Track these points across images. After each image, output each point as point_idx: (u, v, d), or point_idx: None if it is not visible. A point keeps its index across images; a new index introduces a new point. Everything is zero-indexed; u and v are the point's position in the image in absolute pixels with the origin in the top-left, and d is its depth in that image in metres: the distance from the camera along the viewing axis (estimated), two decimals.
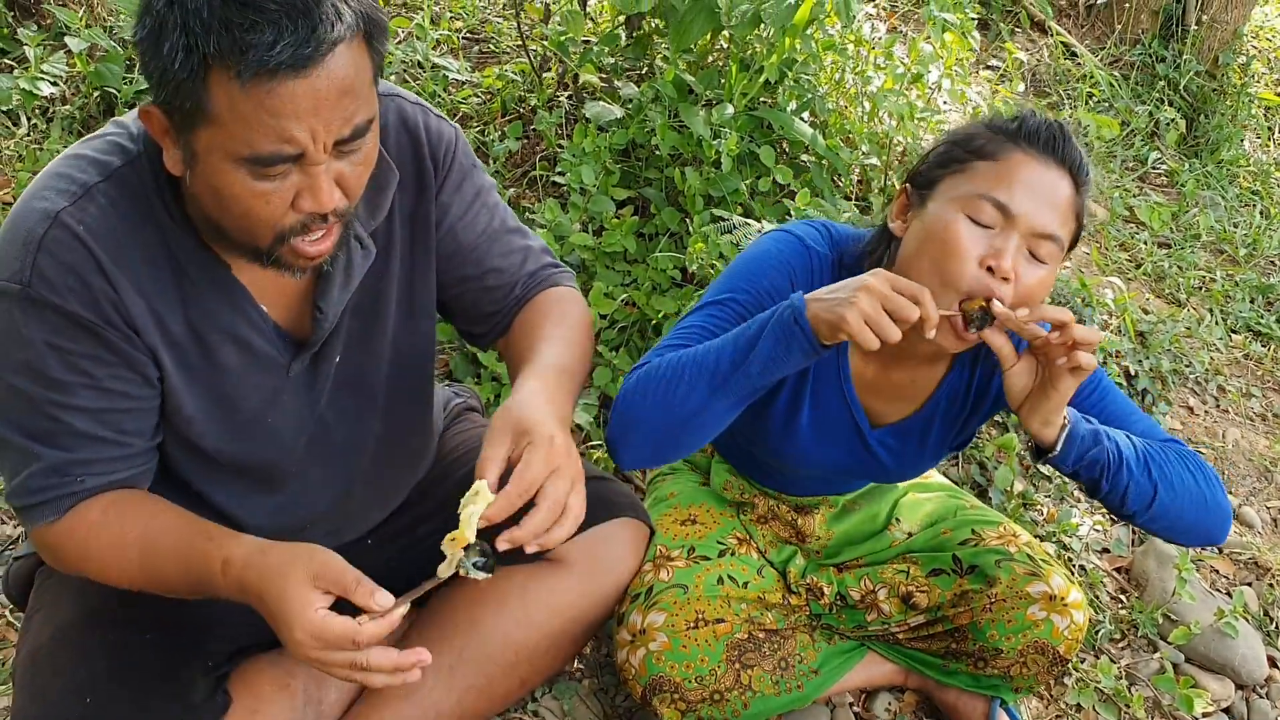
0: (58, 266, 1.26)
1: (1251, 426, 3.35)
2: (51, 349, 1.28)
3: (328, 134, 1.20)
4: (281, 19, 1.12)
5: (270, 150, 1.18)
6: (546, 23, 3.37)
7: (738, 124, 2.92)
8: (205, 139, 1.19)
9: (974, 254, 1.49)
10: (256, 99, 1.14)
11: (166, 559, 1.34)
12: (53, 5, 3.11)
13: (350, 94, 1.20)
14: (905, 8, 4.76)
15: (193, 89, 1.15)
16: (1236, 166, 4.94)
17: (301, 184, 1.23)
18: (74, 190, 1.29)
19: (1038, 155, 1.52)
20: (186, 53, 1.13)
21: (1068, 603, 1.82)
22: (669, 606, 1.76)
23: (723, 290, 1.68)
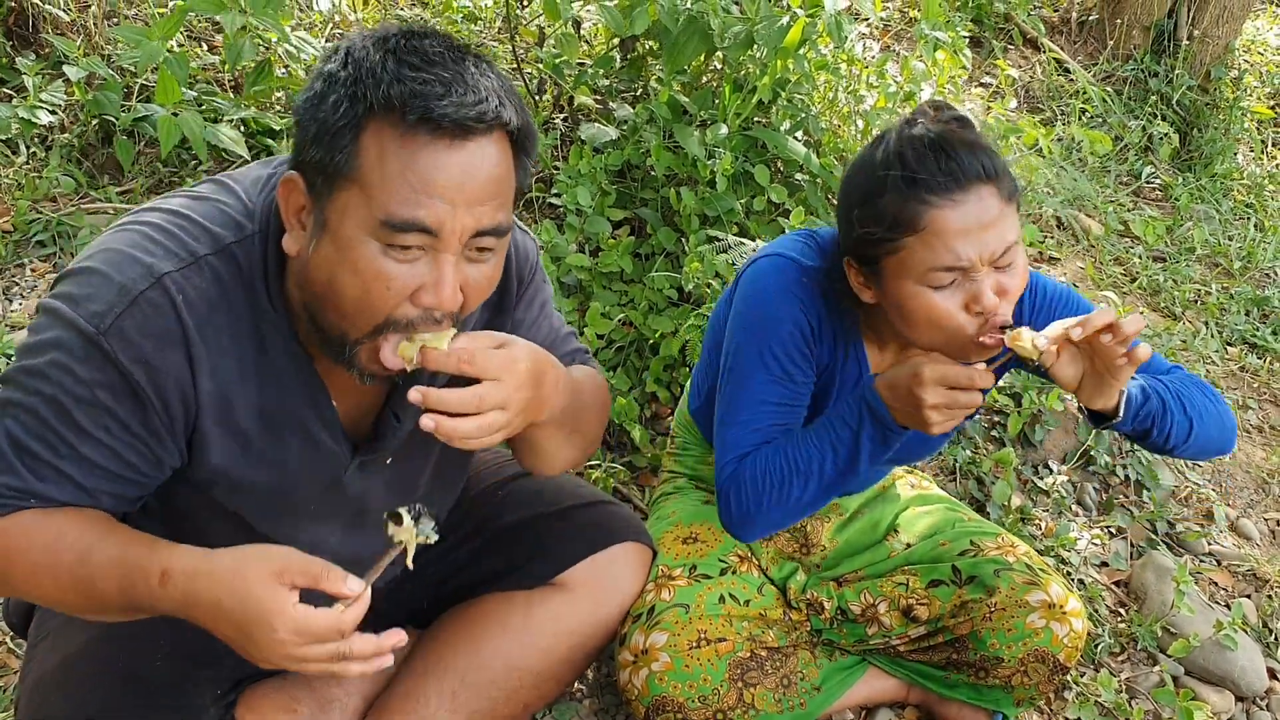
0: (141, 329, 1.24)
1: (1249, 439, 3.35)
2: (91, 398, 1.25)
3: (468, 217, 1.20)
4: (453, 84, 1.17)
5: (407, 215, 1.17)
6: (541, 46, 3.40)
7: (732, 144, 2.94)
8: (342, 201, 1.19)
9: (958, 313, 1.54)
10: (407, 156, 1.17)
11: (101, 570, 1.26)
12: (51, 34, 3.14)
13: (496, 186, 1.22)
14: (898, 26, 4.79)
15: (346, 141, 1.17)
16: (1230, 180, 4.96)
17: (427, 277, 1.21)
18: (183, 256, 1.27)
19: (949, 200, 1.50)
20: (351, 102, 1.17)
21: (1066, 610, 1.83)
22: (671, 626, 1.77)
23: (754, 353, 1.72)
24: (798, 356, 1.72)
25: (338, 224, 1.20)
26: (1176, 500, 3.00)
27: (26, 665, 1.54)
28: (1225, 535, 2.92)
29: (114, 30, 3.05)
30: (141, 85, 3.07)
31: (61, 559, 1.26)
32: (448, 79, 1.17)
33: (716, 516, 2.01)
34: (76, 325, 1.23)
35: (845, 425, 1.66)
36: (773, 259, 1.75)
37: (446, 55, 1.20)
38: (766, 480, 1.70)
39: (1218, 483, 3.12)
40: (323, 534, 1.52)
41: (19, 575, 1.28)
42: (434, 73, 1.17)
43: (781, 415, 1.74)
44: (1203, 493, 3.03)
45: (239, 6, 2.57)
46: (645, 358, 2.76)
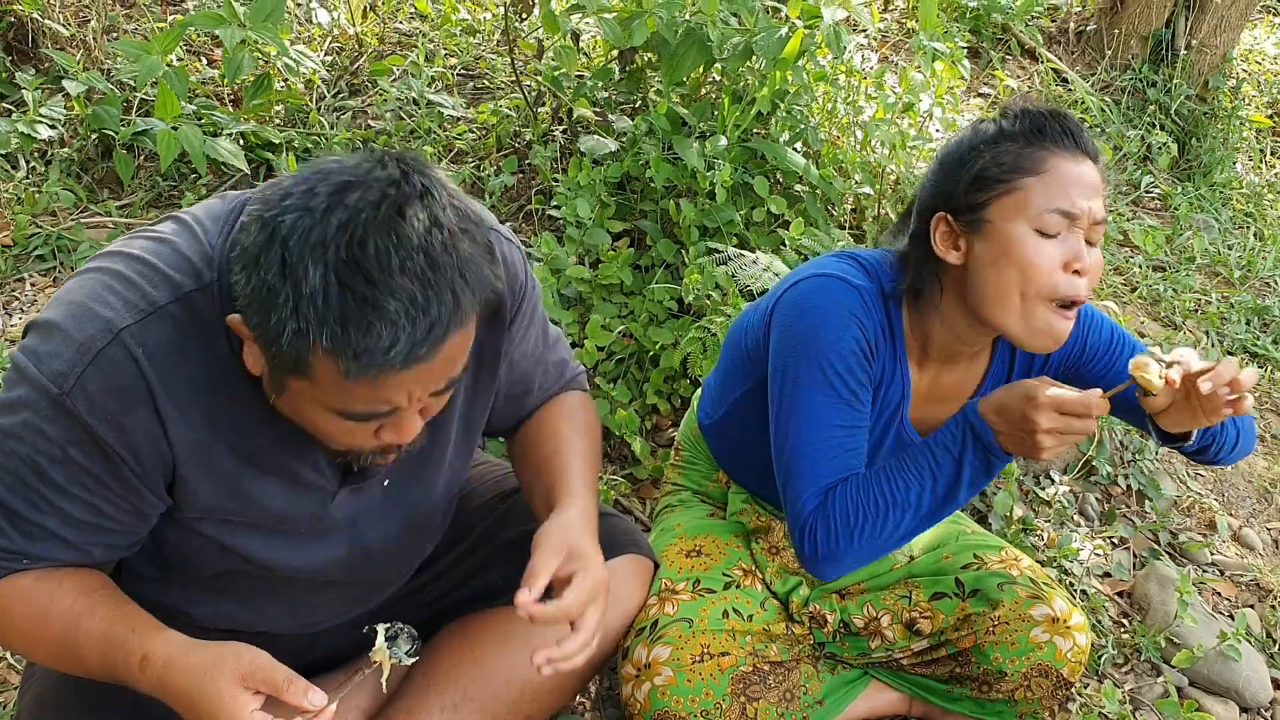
0: (104, 387, 1.22)
1: None
2: (64, 456, 1.25)
3: (425, 393, 1.22)
4: (401, 319, 1.08)
5: (363, 410, 1.19)
6: (540, 58, 3.40)
7: (731, 155, 2.94)
8: (298, 386, 1.18)
9: (1056, 264, 1.57)
10: (361, 384, 1.13)
11: (86, 642, 1.28)
12: (51, 49, 3.14)
13: (454, 361, 1.21)
14: (896, 38, 4.80)
15: (295, 360, 1.13)
16: (1229, 189, 4.97)
17: (388, 426, 1.25)
18: (142, 307, 1.24)
19: (1069, 154, 1.59)
20: (296, 334, 1.09)
21: (1070, 625, 1.83)
22: (674, 640, 1.76)
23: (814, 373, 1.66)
24: (862, 376, 1.67)
25: (295, 398, 1.21)
26: (1179, 510, 2.99)
27: (25, 682, 1.53)
28: (1228, 545, 2.91)
29: (113, 45, 3.06)
30: (141, 99, 3.07)
31: (50, 629, 1.30)
32: (394, 314, 1.08)
33: (721, 529, 2.01)
34: (41, 385, 1.22)
35: (946, 451, 1.60)
36: (820, 279, 1.71)
37: (392, 260, 1.08)
38: (859, 514, 1.61)
39: (1220, 493, 3.12)
40: (322, 552, 1.51)
41: (13, 638, 1.33)
42: (380, 302, 1.07)
43: (851, 439, 1.67)
44: (1205, 503, 3.02)
45: (238, 21, 2.57)
46: (645, 369, 2.76)
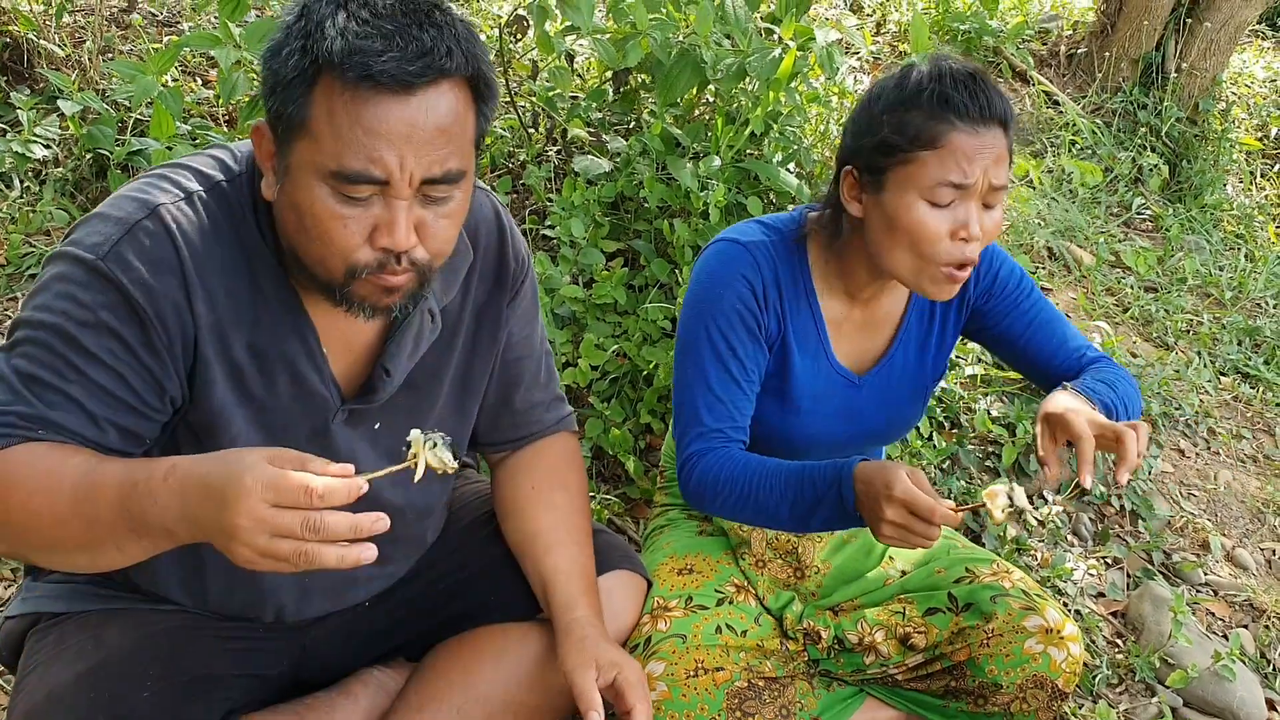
0: (140, 254, 1.30)
1: (1243, 468, 3.35)
2: (96, 321, 1.29)
3: (416, 167, 1.24)
4: (395, 36, 1.20)
5: (357, 168, 1.22)
6: (535, 79, 3.42)
7: (724, 176, 2.96)
8: (299, 152, 1.25)
9: (944, 233, 1.65)
10: (354, 111, 1.20)
11: (105, 479, 1.23)
12: (46, 69, 3.15)
13: (446, 135, 1.25)
14: (888, 60, 4.83)
15: (299, 93, 1.22)
16: (1220, 211, 5.00)
17: (381, 218, 1.27)
18: (177, 192, 1.34)
19: (972, 126, 1.61)
20: (302, 54, 1.21)
21: (1064, 635, 1.82)
22: (668, 656, 1.76)
23: (701, 333, 1.80)
24: (742, 332, 1.79)
25: (296, 171, 1.26)
26: (1172, 530, 2.99)
27: (14, 698, 1.52)
28: (1221, 565, 2.91)
29: (109, 65, 3.06)
30: (136, 120, 3.08)
31: (64, 480, 1.24)
32: (390, 32, 1.20)
33: (711, 547, 2.01)
34: (77, 257, 1.29)
35: (813, 487, 1.69)
36: (714, 245, 1.86)
37: (397, 7, 1.23)
38: (728, 485, 1.74)
39: (1213, 513, 3.12)
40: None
41: (15, 501, 1.24)
42: (378, 25, 1.20)
43: (728, 390, 1.80)
44: (1198, 523, 3.03)
45: (234, 41, 2.58)
46: (639, 389, 2.76)
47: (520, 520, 1.75)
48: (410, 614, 1.77)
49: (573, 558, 1.70)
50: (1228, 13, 5.12)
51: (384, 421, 1.56)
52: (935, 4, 5.28)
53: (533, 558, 1.70)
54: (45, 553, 1.31)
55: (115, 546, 1.26)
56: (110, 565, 1.29)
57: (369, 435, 1.55)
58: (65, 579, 1.59)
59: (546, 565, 1.68)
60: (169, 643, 1.52)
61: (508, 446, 1.82)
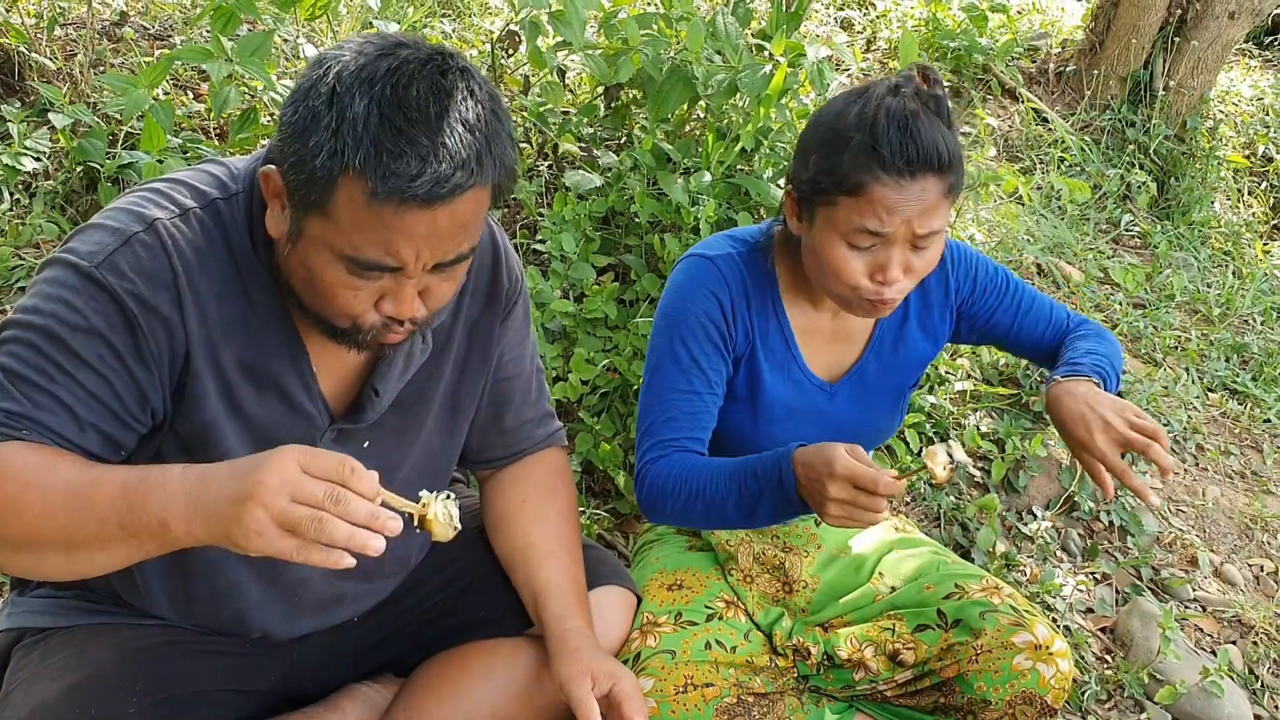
0: (135, 266, 1.30)
1: (1231, 484, 3.37)
2: (85, 324, 1.29)
3: (431, 257, 1.27)
4: (430, 156, 1.18)
5: (373, 259, 1.24)
6: (526, 94, 3.42)
7: (715, 191, 2.96)
8: (316, 228, 1.25)
9: (861, 273, 1.67)
10: (378, 216, 1.20)
11: (108, 474, 1.24)
12: (37, 82, 3.15)
13: (464, 229, 1.27)
14: (878, 76, 4.85)
15: (323, 184, 1.21)
16: (1208, 228, 5.02)
17: (389, 288, 1.29)
18: (173, 208, 1.35)
19: (896, 179, 1.59)
20: (331, 155, 1.19)
21: (1053, 651, 1.82)
22: (657, 672, 1.75)
23: (664, 343, 1.83)
24: (707, 345, 1.81)
25: (310, 243, 1.27)
26: (1160, 546, 3.00)
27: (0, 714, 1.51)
28: (1210, 581, 2.92)
29: (100, 78, 3.06)
30: (127, 133, 3.07)
31: (58, 475, 1.23)
32: (425, 150, 1.18)
33: (701, 562, 2.01)
34: (72, 263, 1.30)
35: (756, 480, 1.69)
36: (684, 261, 1.88)
37: (431, 107, 1.20)
38: (678, 488, 1.75)
39: (1201, 528, 3.13)
40: None
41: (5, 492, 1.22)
42: (414, 136, 1.18)
43: (690, 402, 1.81)
44: (1187, 539, 3.03)
45: (225, 55, 2.59)
46: (629, 404, 2.76)
47: (511, 534, 1.75)
48: (399, 629, 1.76)
49: (565, 569, 1.70)
50: (1215, 31, 5.16)
51: (372, 440, 1.56)
52: (925, 21, 5.31)
53: (524, 570, 1.70)
54: (20, 549, 1.27)
55: (98, 546, 1.23)
56: (84, 571, 1.27)
57: (357, 454, 1.53)
58: (51, 594, 1.58)
59: (539, 578, 1.68)
60: (155, 658, 1.51)
61: (498, 463, 1.82)
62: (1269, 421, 3.73)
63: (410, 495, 1.38)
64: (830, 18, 5.39)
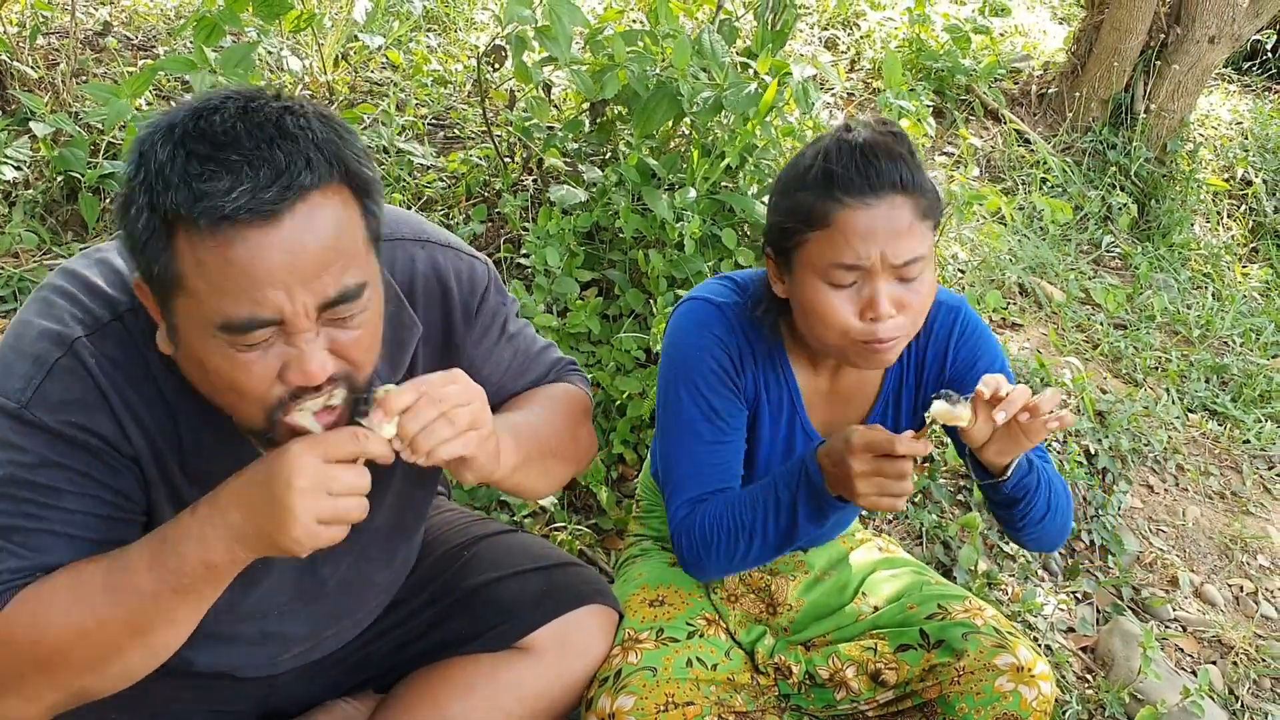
0: (63, 397, 1.22)
1: (1211, 505, 3.38)
2: (41, 461, 1.23)
3: (308, 295, 1.13)
4: (242, 167, 1.07)
5: (244, 316, 1.11)
6: (512, 109, 3.42)
7: (700, 207, 2.96)
8: (181, 309, 1.14)
9: (850, 314, 1.59)
10: (222, 256, 1.09)
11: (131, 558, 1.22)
12: (18, 91, 3.13)
13: (333, 251, 1.13)
14: (862, 96, 4.87)
15: (160, 252, 1.11)
16: (1188, 250, 5.06)
17: (288, 355, 1.16)
18: (89, 322, 1.25)
19: (862, 202, 1.54)
20: (150, 211, 1.09)
21: (1035, 674, 1.82)
22: (638, 690, 1.74)
23: (681, 393, 1.78)
24: (724, 391, 1.77)
25: (185, 330, 1.16)
26: (1141, 566, 3.01)
27: None
28: (1190, 601, 2.92)
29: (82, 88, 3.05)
30: (108, 143, 3.06)
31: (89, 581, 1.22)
32: (236, 164, 1.07)
33: (684, 579, 2.00)
34: (2, 407, 1.22)
35: (786, 488, 1.69)
36: (688, 303, 1.82)
37: (239, 129, 1.09)
38: (715, 532, 1.74)
39: (1182, 548, 3.14)
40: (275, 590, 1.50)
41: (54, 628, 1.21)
42: (223, 160, 1.07)
43: (716, 453, 1.79)
44: (1167, 558, 3.04)
45: (209, 66, 2.57)
46: (612, 419, 2.75)
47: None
48: (380, 648, 1.75)
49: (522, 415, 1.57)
50: (1195, 56, 5.21)
51: None
52: (909, 42, 5.34)
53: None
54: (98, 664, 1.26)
55: (165, 620, 1.24)
56: (168, 647, 1.28)
57: None
58: None
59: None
60: None
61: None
62: (1248, 442, 3.75)
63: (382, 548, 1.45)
64: (815, 37, 5.42)
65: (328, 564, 1.53)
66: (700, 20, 4.00)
